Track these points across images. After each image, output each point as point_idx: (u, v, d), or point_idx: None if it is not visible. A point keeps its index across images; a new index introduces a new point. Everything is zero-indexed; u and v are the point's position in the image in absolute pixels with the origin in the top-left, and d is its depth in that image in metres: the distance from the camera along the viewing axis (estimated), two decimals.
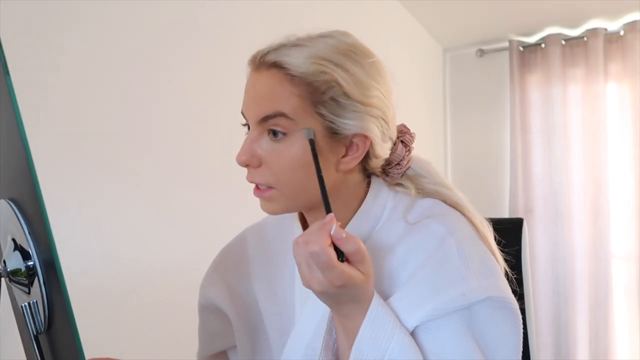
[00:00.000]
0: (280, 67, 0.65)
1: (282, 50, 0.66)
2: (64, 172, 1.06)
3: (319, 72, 0.64)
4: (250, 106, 0.67)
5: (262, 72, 0.66)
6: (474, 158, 3.21)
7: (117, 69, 1.18)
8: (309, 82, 0.64)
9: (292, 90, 0.64)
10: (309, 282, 0.57)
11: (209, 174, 1.45)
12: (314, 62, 0.65)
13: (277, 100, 0.64)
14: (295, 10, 1.77)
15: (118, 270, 1.14)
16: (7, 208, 0.59)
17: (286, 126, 0.64)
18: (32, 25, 1.00)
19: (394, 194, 0.74)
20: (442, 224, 0.67)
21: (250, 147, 0.66)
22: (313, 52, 0.65)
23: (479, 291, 0.62)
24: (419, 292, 0.62)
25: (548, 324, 2.87)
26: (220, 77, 1.47)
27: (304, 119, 0.64)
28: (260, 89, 0.66)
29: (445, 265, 0.64)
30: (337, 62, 0.65)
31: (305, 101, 0.64)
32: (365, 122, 0.66)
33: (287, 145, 0.65)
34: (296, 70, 0.64)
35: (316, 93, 0.64)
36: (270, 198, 0.67)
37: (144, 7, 1.25)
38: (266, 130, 0.66)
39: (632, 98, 2.75)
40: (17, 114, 0.50)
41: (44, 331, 0.57)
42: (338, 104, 0.65)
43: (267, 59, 0.66)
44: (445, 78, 3.32)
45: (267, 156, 0.66)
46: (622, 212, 2.77)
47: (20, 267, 0.56)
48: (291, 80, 0.64)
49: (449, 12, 2.75)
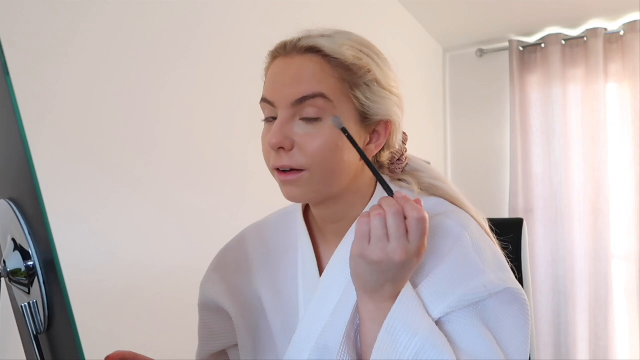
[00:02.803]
0: (318, 51, 0.65)
1: (314, 38, 0.67)
2: (64, 172, 1.06)
3: (355, 57, 0.66)
4: (282, 90, 0.66)
5: (295, 58, 0.66)
6: (474, 158, 3.21)
7: (119, 69, 1.18)
8: (347, 66, 0.65)
9: (331, 73, 0.65)
10: (394, 251, 0.57)
11: (210, 174, 1.45)
12: (349, 47, 0.66)
13: (315, 81, 0.64)
14: (295, 10, 1.77)
15: (118, 270, 1.14)
16: (7, 208, 0.59)
17: (323, 108, 0.64)
18: (32, 25, 1.00)
19: (399, 189, 0.75)
20: (454, 220, 0.68)
21: (283, 129, 0.64)
22: (344, 41, 0.67)
23: (497, 282, 0.64)
24: (442, 285, 0.63)
25: (548, 323, 2.87)
26: (225, 79, 1.47)
27: (341, 101, 0.65)
28: (296, 72, 0.65)
29: (464, 259, 0.65)
30: (364, 51, 0.68)
31: (343, 84, 0.65)
32: (392, 108, 0.69)
33: (322, 127, 0.64)
34: (335, 53, 0.65)
35: (354, 77, 0.66)
36: (298, 182, 0.66)
37: (148, 8, 1.25)
38: (298, 115, 0.65)
39: (632, 98, 2.75)
40: (17, 114, 0.50)
41: (44, 331, 0.57)
42: (370, 89, 0.67)
43: (302, 44, 0.66)
44: (445, 78, 3.32)
45: (300, 139, 0.65)
46: (622, 212, 2.77)
47: (20, 267, 0.56)
48: (330, 62, 0.65)
49: (449, 12, 2.75)
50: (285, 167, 0.65)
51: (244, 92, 1.53)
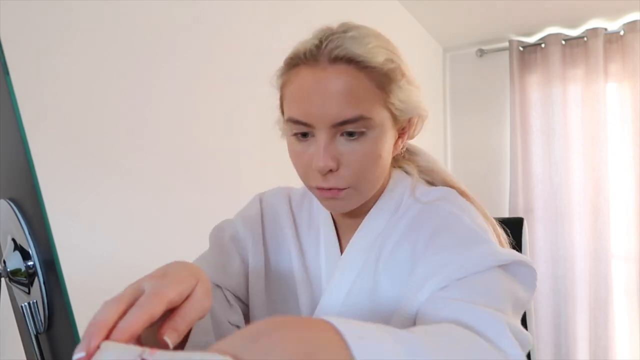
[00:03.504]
0: (353, 60, 0.60)
1: (343, 43, 0.60)
2: (64, 172, 1.06)
3: (388, 61, 0.63)
4: (318, 110, 0.61)
5: (326, 70, 0.60)
6: (474, 158, 3.21)
7: (119, 69, 1.18)
8: (383, 73, 0.62)
9: (368, 86, 0.61)
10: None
11: (211, 174, 1.45)
12: (380, 51, 0.62)
13: (355, 101, 0.60)
14: (295, 10, 1.77)
15: (118, 270, 1.14)
16: (7, 208, 0.59)
17: (365, 125, 0.62)
18: (32, 25, 1.00)
19: (405, 174, 0.76)
20: (454, 205, 0.69)
21: (328, 151, 0.62)
22: (371, 40, 0.62)
23: (505, 253, 0.61)
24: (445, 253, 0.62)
25: (548, 323, 2.87)
26: (221, 75, 1.47)
27: (378, 113, 0.63)
28: (332, 89, 0.60)
29: (464, 229, 0.64)
30: (391, 49, 0.65)
31: (379, 94, 0.62)
32: (420, 103, 0.68)
33: (365, 141, 0.62)
34: (370, 61, 0.61)
35: (389, 83, 0.63)
36: (345, 196, 0.65)
37: (144, 7, 1.25)
38: (338, 132, 0.62)
39: (632, 98, 2.75)
40: (17, 114, 0.50)
41: (44, 331, 0.57)
42: (402, 90, 0.65)
43: (335, 53, 0.60)
44: (445, 78, 3.32)
45: (345, 157, 0.63)
46: (622, 212, 2.77)
47: (20, 267, 0.56)
48: (367, 74, 0.61)
49: (449, 12, 2.75)
50: (332, 187, 0.64)
51: (242, 91, 1.52)
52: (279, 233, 0.79)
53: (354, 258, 0.71)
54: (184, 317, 0.44)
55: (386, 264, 0.68)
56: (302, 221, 0.79)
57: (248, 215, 0.81)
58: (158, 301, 0.42)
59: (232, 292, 0.75)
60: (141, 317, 0.41)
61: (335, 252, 0.74)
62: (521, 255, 0.63)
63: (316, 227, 0.77)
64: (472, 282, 0.59)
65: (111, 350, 0.38)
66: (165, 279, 0.45)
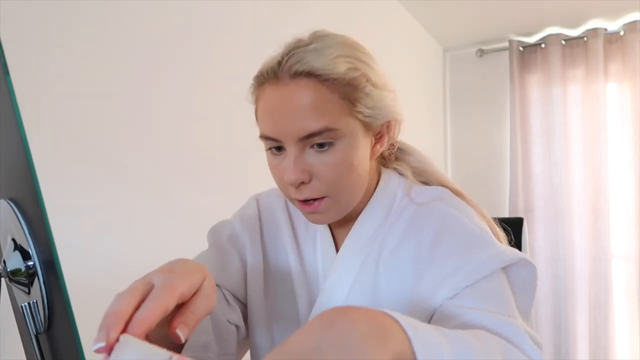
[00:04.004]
0: (312, 74, 0.60)
1: (304, 57, 0.61)
2: (64, 172, 1.06)
3: (350, 70, 0.63)
4: (284, 126, 0.62)
5: (288, 86, 0.61)
6: (474, 158, 3.21)
7: (120, 69, 1.18)
8: (346, 83, 0.62)
9: (330, 97, 0.61)
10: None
11: (211, 175, 1.45)
12: (341, 61, 0.62)
13: (317, 114, 0.61)
14: (295, 10, 1.77)
15: (118, 270, 1.14)
16: (7, 208, 0.59)
17: (332, 136, 0.62)
18: (32, 25, 1.00)
19: (397, 174, 0.77)
20: (450, 205, 0.69)
21: (297, 164, 0.63)
22: (333, 51, 0.62)
23: (509, 253, 0.63)
24: (451, 261, 0.63)
25: (548, 323, 2.87)
26: (221, 76, 1.47)
27: (345, 123, 0.63)
28: (294, 104, 0.61)
29: (465, 231, 0.65)
30: (355, 56, 0.65)
31: (344, 104, 0.62)
32: (392, 107, 0.68)
33: (334, 152, 0.63)
34: (331, 73, 0.61)
35: (354, 92, 0.63)
36: (324, 209, 0.66)
37: (145, 6, 1.25)
38: (307, 144, 0.63)
39: (632, 98, 2.75)
40: (17, 114, 0.50)
41: (44, 331, 0.57)
42: (369, 97, 0.65)
43: (295, 69, 0.61)
44: (445, 78, 3.32)
45: (316, 169, 0.63)
46: (622, 212, 2.77)
47: (20, 267, 0.56)
48: (328, 86, 0.61)
49: (449, 12, 2.75)
50: (307, 198, 0.65)
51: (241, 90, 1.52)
52: (276, 233, 0.79)
53: (349, 257, 0.71)
54: (194, 312, 0.45)
55: (387, 264, 0.69)
56: (299, 221, 0.80)
57: (245, 215, 0.81)
58: (171, 293, 0.43)
59: (230, 291, 0.75)
60: (156, 309, 0.41)
61: (331, 252, 0.74)
62: (523, 254, 0.65)
63: (313, 227, 0.78)
64: (482, 289, 0.61)
65: (133, 349, 0.38)
66: (173, 272, 0.46)
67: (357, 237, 0.72)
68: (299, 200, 0.66)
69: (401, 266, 0.68)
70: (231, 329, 0.71)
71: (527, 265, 0.65)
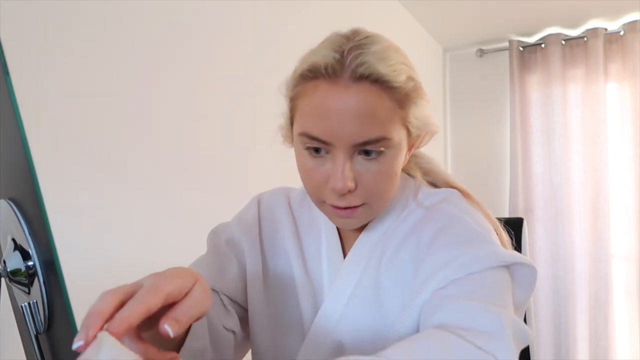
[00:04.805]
0: (378, 80, 0.58)
1: (368, 60, 0.58)
2: (64, 172, 1.06)
3: (409, 79, 0.61)
4: (339, 130, 0.58)
5: (350, 88, 0.58)
6: (474, 158, 3.21)
7: (120, 69, 1.18)
8: (405, 92, 0.60)
9: (390, 106, 0.60)
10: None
11: (211, 175, 1.44)
12: (402, 68, 0.60)
13: (378, 122, 0.59)
14: (295, 10, 1.77)
15: (118, 270, 1.14)
16: (7, 208, 0.59)
17: (385, 145, 0.61)
18: (32, 25, 1.00)
19: (409, 177, 0.76)
20: (456, 206, 0.69)
21: (346, 172, 0.60)
22: (393, 57, 0.60)
23: (507, 254, 0.62)
24: (445, 252, 0.62)
25: (548, 323, 2.87)
26: (221, 76, 1.47)
27: (398, 132, 0.62)
28: (355, 109, 0.58)
29: (466, 229, 0.64)
30: (410, 64, 0.63)
31: (399, 113, 0.61)
32: (432, 119, 0.67)
33: (383, 161, 0.62)
34: (394, 81, 0.59)
35: (409, 102, 0.62)
36: (359, 214, 0.65)
37: (145, 6, 1.25)
38: (356, 150, 0.60)
39: (632, 98, 2.75)
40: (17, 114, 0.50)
41: (44, 331, 0.57)
42: (417, 107, 0.63)
43: (360, 72, 0.57)
44: (445, 78, 3.32)
45: (363, 177, 0.62)
46: (622, 212, 2.77)
47: (20, 267, 0.56)
48: (390, 93, 0.59)
49: (449, 12, 2.75)
50: (348, 206, 0.63)
51: (241, 89, 1.52)
52: (277, 235, 0.78)
53: (356, 262, 0.71)
54: (185, 311, 0.45)
55: (388, 265, 0.68)
56: (303, 222, 0.79)
57: (244, 218, 0.80)
58: (156, 294, 0.43)
59: (228, 296, 0.74)
60: (138, 309, 0.41)
61: (338, 257, 0.73)
62: (522, 256, 0.64)
63: (318, 229, 0.76)
64: (471, 280, 0.59)
65: (105, 348, 0.38)
66: (162, 275, 0.46)
67: (366, 241, 0.71)
68: (335, 206, 0.64)
69: (402, 266, 0.67)
70: (228, 335, 0.71)
71: (526, 267, 0.64)
